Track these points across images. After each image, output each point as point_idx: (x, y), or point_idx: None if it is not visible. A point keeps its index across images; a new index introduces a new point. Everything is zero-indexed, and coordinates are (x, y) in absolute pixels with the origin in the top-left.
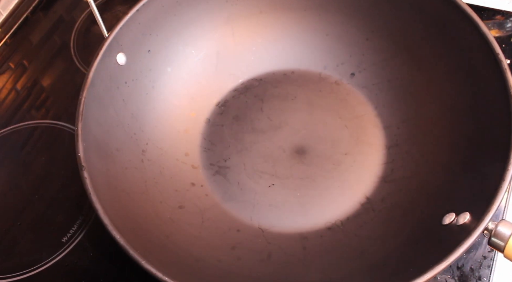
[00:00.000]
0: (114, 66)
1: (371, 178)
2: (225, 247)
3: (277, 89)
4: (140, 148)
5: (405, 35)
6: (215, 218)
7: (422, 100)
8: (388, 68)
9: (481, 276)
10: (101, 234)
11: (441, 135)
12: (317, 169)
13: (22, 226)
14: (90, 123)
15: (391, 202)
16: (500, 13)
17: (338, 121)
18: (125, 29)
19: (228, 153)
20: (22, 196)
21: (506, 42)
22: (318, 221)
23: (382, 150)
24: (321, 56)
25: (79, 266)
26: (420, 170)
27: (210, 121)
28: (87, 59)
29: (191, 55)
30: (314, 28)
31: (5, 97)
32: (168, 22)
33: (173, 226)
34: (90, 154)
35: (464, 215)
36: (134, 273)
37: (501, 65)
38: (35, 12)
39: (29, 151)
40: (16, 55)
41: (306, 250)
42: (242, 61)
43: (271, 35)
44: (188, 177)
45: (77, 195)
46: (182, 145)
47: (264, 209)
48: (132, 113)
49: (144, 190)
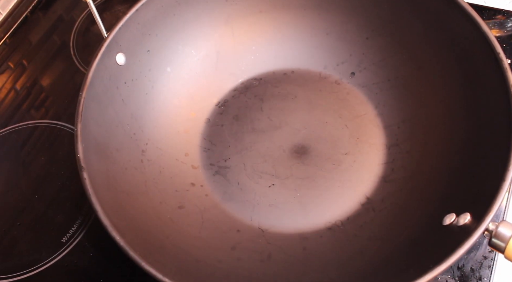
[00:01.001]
0: (113, 66)
1: (371, 178)
2: (225, 247)
3: (277, 88)
4: (139, 148)
5: (405, 34)
6: (215, 218)
7: (422, 100)
8: (388, 67)
9: (482, 277)
10: (100, 235)
11: (441, 135)
12: (317, 169)
13: (21, 226)
14: (89, 123)
15: (392, 202)
16: (501, 12)
17: (338, 121)
18: (125, 29)
19: (228, 153)
20: (22, 196)
21: (506, 41)
22: (318, 221)
23: (382, 149)
24: (321, 56)
25: (79, 266)
26: (421, 170)
27: (210, 121)
28: (86, 59)
29: (191, 55)
30: (314, 27)
31: (5, 97)
32: (168, 22)
33: (173, 227)
34: (89, 154)
35: (464, 216)
36: (133, 274)
37: (502, 65)
38: (34, 12)
39: (29, 151)
40: (16, 55)
41: (306, 250)
42: (242, 60)
43: (271, 35)
44: (188, 177)
45: (76, 195)
46: (182, 145)
47: (264, 209)
48: (132, 113)
49: (143, 190)
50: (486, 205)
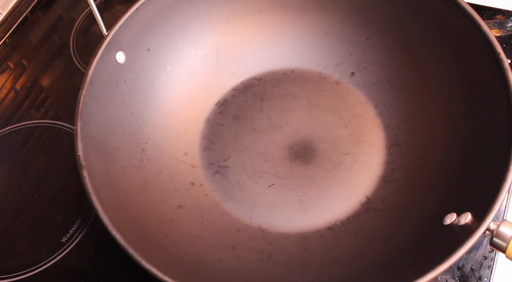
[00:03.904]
0: (113, 65)
1: (371, 178)
2: (225, 247)
3: (277, 88)
4: (139, 147)
5: (405, 34)
6: (215, 218)
7: (422, 100)
8: (388, 67)
9: (482, 276)
10: (100, 234)
11: (441, 135)
12: (317, 169)
13: (21, 226)
14: (89, 122)
15: (392, 202)
16: (500, 12)
17: (338, 121)
18: (125, 28)
19: (228, 153)
20: (22, 196)
21: (506, 41)
22: (318, 221)
23: (382, 149)
24: (321, 55)
25: (79, 266)
26: (421, 170)
27: (210, 120)
28: (86, 59)
29: (191, 54)
30: (314, 27)
31: (4, 97)
32: (168, 20)
33: (173, 226)
34: (89, 153)
35: (465, 215)
36: (133, 273)
37: (502, 65)
38: (34, 12)
39: (29, 151)
40: (16, 55)
41: (306, 250)
42: (242, 60)
43: (271, 34)
44: (187, 176)
45: (76, 195)
46: (181, 144)
47: (264, 209)
48: (132, 112)
49: (143, 189)
50: (487, 204)
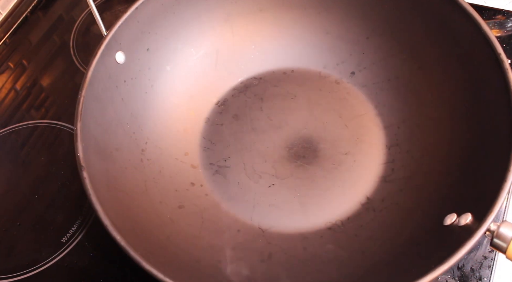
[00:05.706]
0: (113, 65)
1: (371, 178)
2: (225, 247)
3: (277, 88)
4: (139, 147)
5: (405, 34)
6: (215, 218)
7: (422, 100)
8: (388, 67)
9: (482, 277)
10: (100, 235)
11: (442, 135)
12: (317, 169)
13: (21, 226)
14: (89, 122)
15: (392, 202)
16: (501, 12)
17: (338, 121)
18: (124, 28)
19: (228, 153)
20: (22, 196)
21: (506, 42)
22: (318, 221)
23: (382, 149)
24: (321, 55)
25: (79, 266)
26: (421, 170)
27: (210, 120)
28: (86, 59)
29: (190, 53)
30: (314, 27)
31: (5, 97)
32: (167, 20)
33: (173, 226)
34: (89, 154)
35: (465, 216)
36: (133, 274)
37: (503, 65)
38: (34, 12)
39: (29, 151)
40: (16, 55)
41: (306, 250)
42: (242, 59)
43: (271, 34)
44: (187, 176)
45: (76, 195)
46: (181, 144)
47: (264, 209)
48: (131, 112)
49: (143, 190)
50: (487, 205)
